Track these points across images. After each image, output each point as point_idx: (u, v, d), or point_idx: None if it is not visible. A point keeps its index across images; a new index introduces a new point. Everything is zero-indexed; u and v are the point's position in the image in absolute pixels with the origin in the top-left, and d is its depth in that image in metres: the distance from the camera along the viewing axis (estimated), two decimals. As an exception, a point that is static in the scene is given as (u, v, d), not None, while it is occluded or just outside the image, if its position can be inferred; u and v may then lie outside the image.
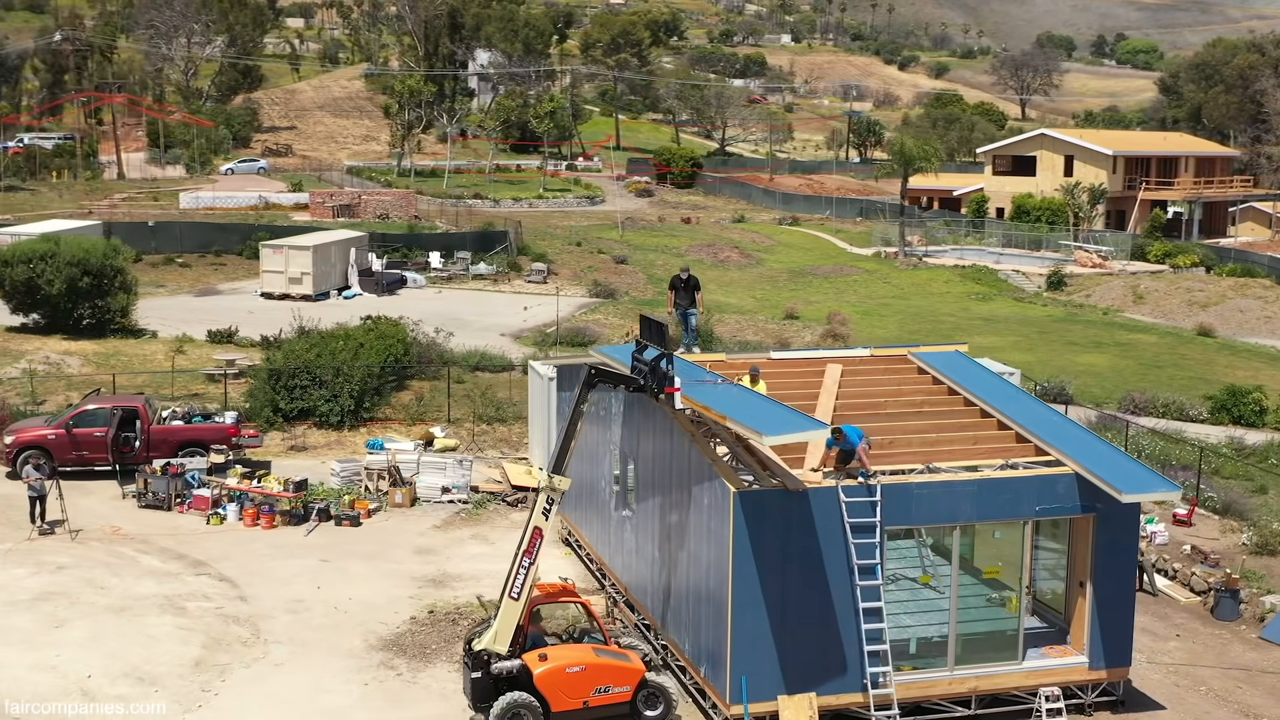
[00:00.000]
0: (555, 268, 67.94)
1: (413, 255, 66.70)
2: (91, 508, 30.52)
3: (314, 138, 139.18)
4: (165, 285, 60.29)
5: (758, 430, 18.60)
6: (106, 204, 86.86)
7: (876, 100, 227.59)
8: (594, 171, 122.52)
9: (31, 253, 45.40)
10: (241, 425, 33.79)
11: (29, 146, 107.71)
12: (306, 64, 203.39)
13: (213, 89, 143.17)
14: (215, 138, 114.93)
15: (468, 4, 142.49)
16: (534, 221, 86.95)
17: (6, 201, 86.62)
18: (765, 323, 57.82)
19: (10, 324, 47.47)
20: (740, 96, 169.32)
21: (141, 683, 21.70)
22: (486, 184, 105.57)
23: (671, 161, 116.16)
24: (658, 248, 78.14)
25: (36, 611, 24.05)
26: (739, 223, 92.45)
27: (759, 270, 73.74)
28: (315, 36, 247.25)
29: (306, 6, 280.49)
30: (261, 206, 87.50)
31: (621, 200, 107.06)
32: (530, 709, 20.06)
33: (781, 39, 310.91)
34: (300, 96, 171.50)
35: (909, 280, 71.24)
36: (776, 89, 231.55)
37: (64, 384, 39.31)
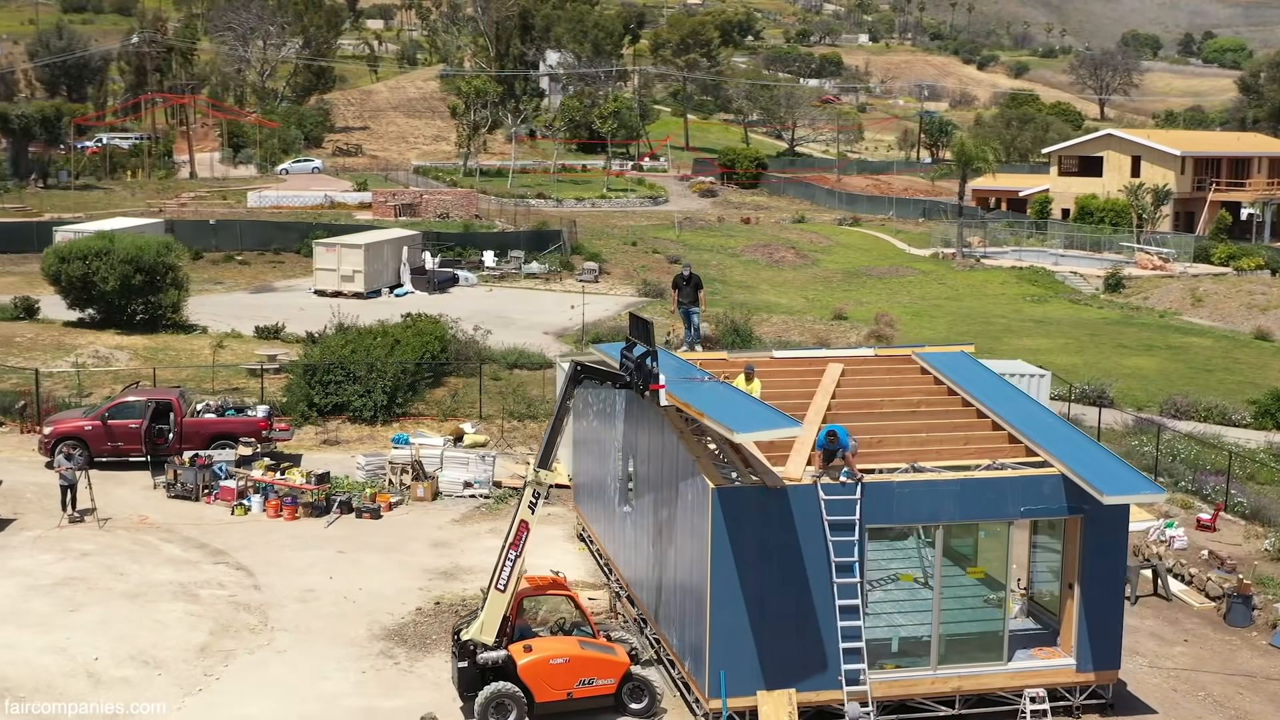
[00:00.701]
0: (608, 267, 68.35)
1: (467, 254, 67.46)
2: (123, 497, 31.42)
3: (385, 138, 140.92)
4: (223, 282, 61.60)
5: (730, 427, 18.82)
6: (176, 203, 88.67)
7: (952, 100, 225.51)
8: (659, 172, 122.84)
9: (87, 250, 46.66)
10: (273, 419, 34.56)
11: (106, 146, 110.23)
12: (385, 65, 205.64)
13: (288, 90, 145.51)
14: (287, 138, 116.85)
15: (539, 5, 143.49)
16: (593, 221, 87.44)
17: (80, 200, 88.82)
18: (813, 323, 57.75)
19: (68, 319, 48.84)
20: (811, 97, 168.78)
21: (146, 666, 22.40)
22: (550, 184, 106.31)
23: (736, 162, 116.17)
24: (713, 247, 78.27)
25: (55, 596, 24.89)
26: (799, 223, 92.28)
27: (814, 271, 73.62)
28: (394, 38, 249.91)
29: (386, 8, 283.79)
30: (326, 205, 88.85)
31: (685, 200, 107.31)
32: (514, 699, 20.44)
33: (859, 39, 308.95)
34: (376, 97, 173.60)
35: (964, 281, 70.72)
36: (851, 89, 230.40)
37: (110, 377, 40.36)
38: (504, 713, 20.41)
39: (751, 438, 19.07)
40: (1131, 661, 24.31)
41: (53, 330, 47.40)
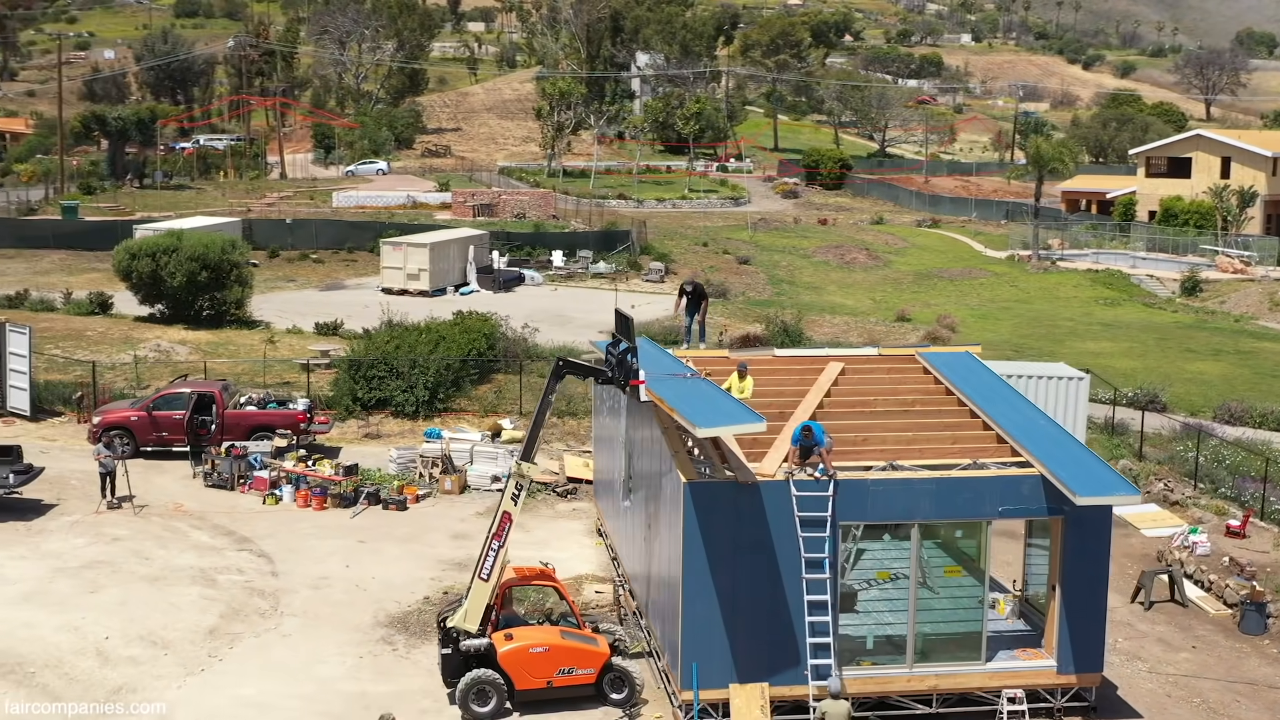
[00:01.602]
0: (676, 267, 68.71)
1: (536, 253, 68.28)
2: (163, 485, 32.56)
3: (476, 139, 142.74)
4: (295, 280, 63.13)
5: (692, 421, 19.10)
6: (263, 202, 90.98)
7: (1053, 101, 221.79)
8: (744, 173, 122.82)
9: (155, 247, 48.27)
10: (313, 412, 35.51)
11: (201, 148, 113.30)
12: (484, 67, 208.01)
13: (382, 92, 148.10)
14: (377, 139, 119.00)
15: (631, 7, 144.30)
16: (671, 222, 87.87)
17: (173, 199, 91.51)
18: (874, 324, 57.56)
19: (139, 314, 50.54)
20: (903, 97, 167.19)
21: (154, 646, 23.30)
22: (632, 185, 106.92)
23: (820, 163, 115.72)
24: (785, 249, 78.23)
25: (79, 578, 25.96)
26: (876, 224, 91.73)
27: (885, 272, 73.24)
28: (494, 40, 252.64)
29: (488, 11, 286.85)
30: (409, 205, 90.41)
31: (767, 202, 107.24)
32: (494, 685, 20.95)
33: (961, 39, 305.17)
34: (471, 99, 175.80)
35: (1037, 284, 69.87)
36: (950, 89, 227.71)
37: (169, 370, 41.68)
38: (485, 699, 20.94)
39: (712, 432, 19.35)
40: (1131, 666, 24.15)
41: (123, 325, 49.08)
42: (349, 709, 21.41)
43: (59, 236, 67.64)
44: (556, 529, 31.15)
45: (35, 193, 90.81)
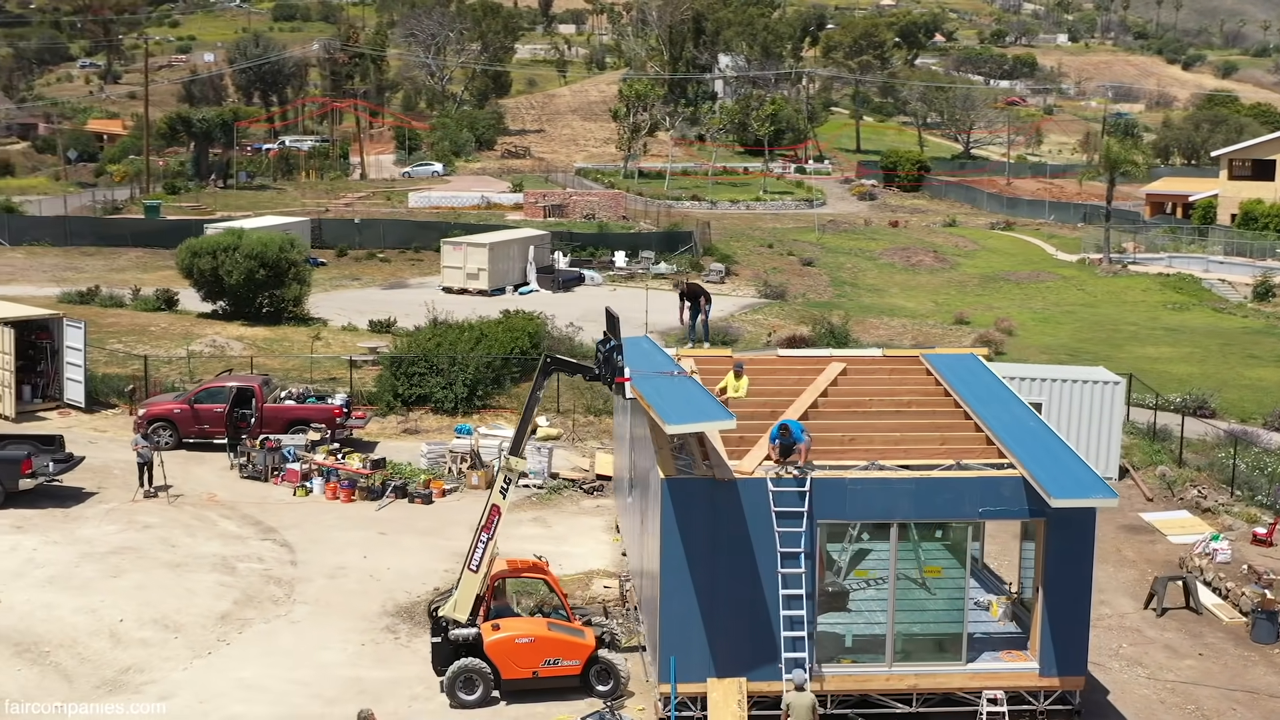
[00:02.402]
0: (738, 268, 68.86)
1: (598, 254, 68.84)
2: (201, 476, 33.59)
3: (558, 140, 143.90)
4: (360, 278, 64.34)
5: (664, 418, 19.43)
6: (341, 202, 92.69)
7: (1149, 102, 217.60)
8: (822, 175, 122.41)
9: (216, 246, 49.59)
10: (350, 407, 36.35)
11: (285, 149, 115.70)
12: (573, 69, 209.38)
13: (467, 94, 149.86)
14: (458, 140, 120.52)
15: (713, 8, 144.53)
16: (741, 224, 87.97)
17: (254, 199, 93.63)
18: (931, 327, 57.24)
19: (202, 310, 51.95)
20: (990, 98, 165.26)
21: (166, 629, 24.17)
22: (707, 187, 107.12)
23: (898, 165, 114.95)
24: (851, 250, 77.97)
25: (105, 563, 26.94)
26: (949, 227, 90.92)
27: (951, 275, 72.67)
28: (584, 43, 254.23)
29: (579, 13, 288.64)
30: (483, 206, 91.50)
31: (843, 203, 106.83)
32: (481, 674, 21.47)
33: (1057, 39, 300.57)
34: (557, 101, 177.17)
35: (1105, 288, 68.87)
36: (1043, 90, 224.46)
37: (221, 365, 42.79)
38: (471, 687, 21.46)
39: (681, 429, 19.67)
40: (1130, 672, 24.00)
41: (185, 321, 50.49)
42: (342, 693, 22.05)
43: (137, 235, 69.66)
44: (577, 525, 31.60)
45: (121, 192, 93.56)
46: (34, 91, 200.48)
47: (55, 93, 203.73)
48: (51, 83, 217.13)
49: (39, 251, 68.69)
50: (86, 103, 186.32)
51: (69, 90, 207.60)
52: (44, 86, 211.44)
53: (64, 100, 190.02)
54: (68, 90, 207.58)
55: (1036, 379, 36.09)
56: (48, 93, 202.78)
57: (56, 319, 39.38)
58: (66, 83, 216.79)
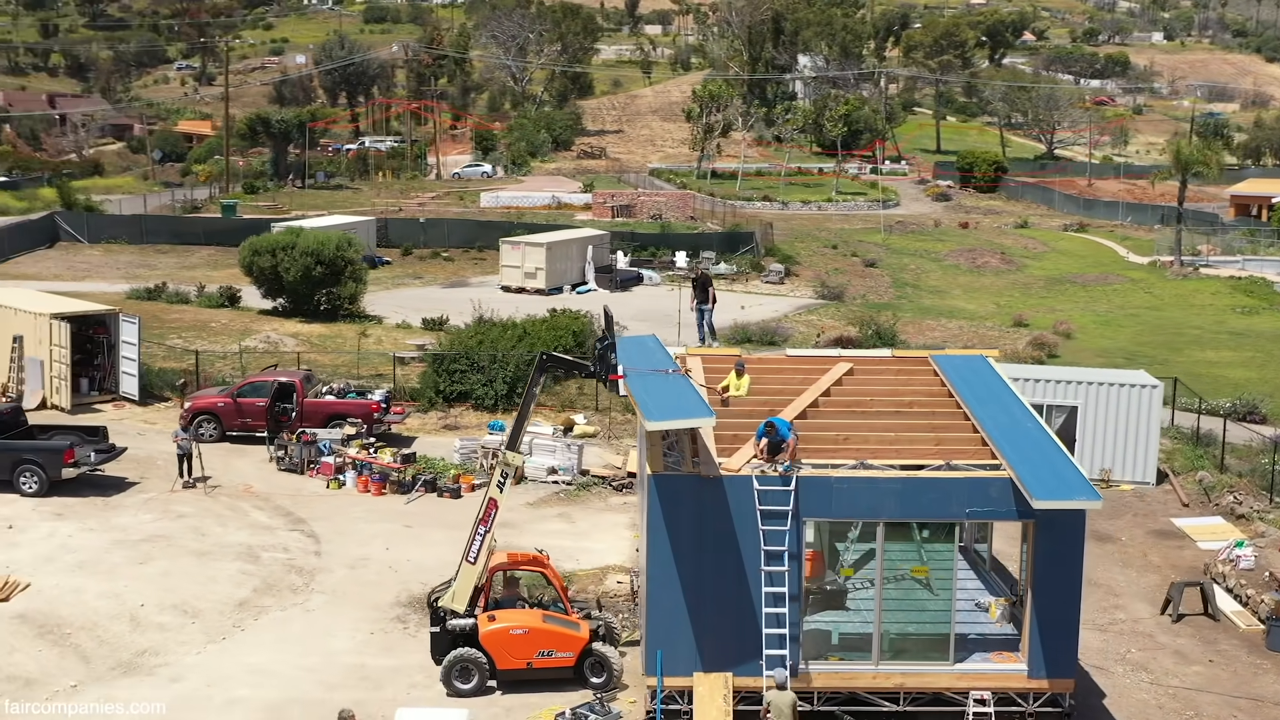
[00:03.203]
0: (799, 269, 68.80)
1: (659, 254, 69.21)
2: (240, 468, 34.53)
3: (636, 140, 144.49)
4: (422, 277, 65.36)
5: (645, 414, 19.76)
6: (415, 202, 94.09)
7: (1245, 101, 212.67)
8: (899, 175, 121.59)
9: (275, 244, 50.76)
10: (389, 403, 37.11)
11: (364, 149, 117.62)
12: (658, 70, 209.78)
13: (546, 95, 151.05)
14: (535, 141, 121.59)
15: (792, 8, 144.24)
16: (810, 224, 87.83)
17: (330, 199, 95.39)
18: (987, 329, 56.82)
19: (263, 307, 53.20)
20: (1075, 98, 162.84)
21: (184, 615, 25.00)
22: (779, 187, 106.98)
23: (975, 166, 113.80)
24: (917, 252, 77.49)
25: (135, 550, 27.88)
26: (1021, 228, 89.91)
27: (1016, 277, 71.94)
28: (670, 43, 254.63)
29: (665, 14, 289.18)
30: (554, 206, 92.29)
31: (917, 204, 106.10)
32: (476, 664, 21.97)
33: (1152, 37, 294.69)
34: (639, 101, 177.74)
35: (1172, 291, 67.74)
36: (1135, 89, 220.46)
37: (274, 360, 43.84)
38: (467, 676, 21.98)
39: (660, 425, 19.96)
40: (1133, 677, 23.87)
41: (246, 317, 51.76)
42: (345, 679, 22.68)
43: (209, 233, 71.38)
44: (601, 521, 32.01)
45: (201, 192, 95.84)
46: (131, 93, 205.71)
47: (152, 94, 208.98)
48: (149, 84, 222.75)
49: (116, 249, 70.73)
50: (180, 104, 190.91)
51: (165, 92, 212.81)
52: (141, 88, 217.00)
53: (159, 102, 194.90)
54: (164, 92, 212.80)
55: (1072, 382, 35.85)
56: (144, 94, 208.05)
57: (113, 314, 40.60)
58: (163, 84, 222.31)
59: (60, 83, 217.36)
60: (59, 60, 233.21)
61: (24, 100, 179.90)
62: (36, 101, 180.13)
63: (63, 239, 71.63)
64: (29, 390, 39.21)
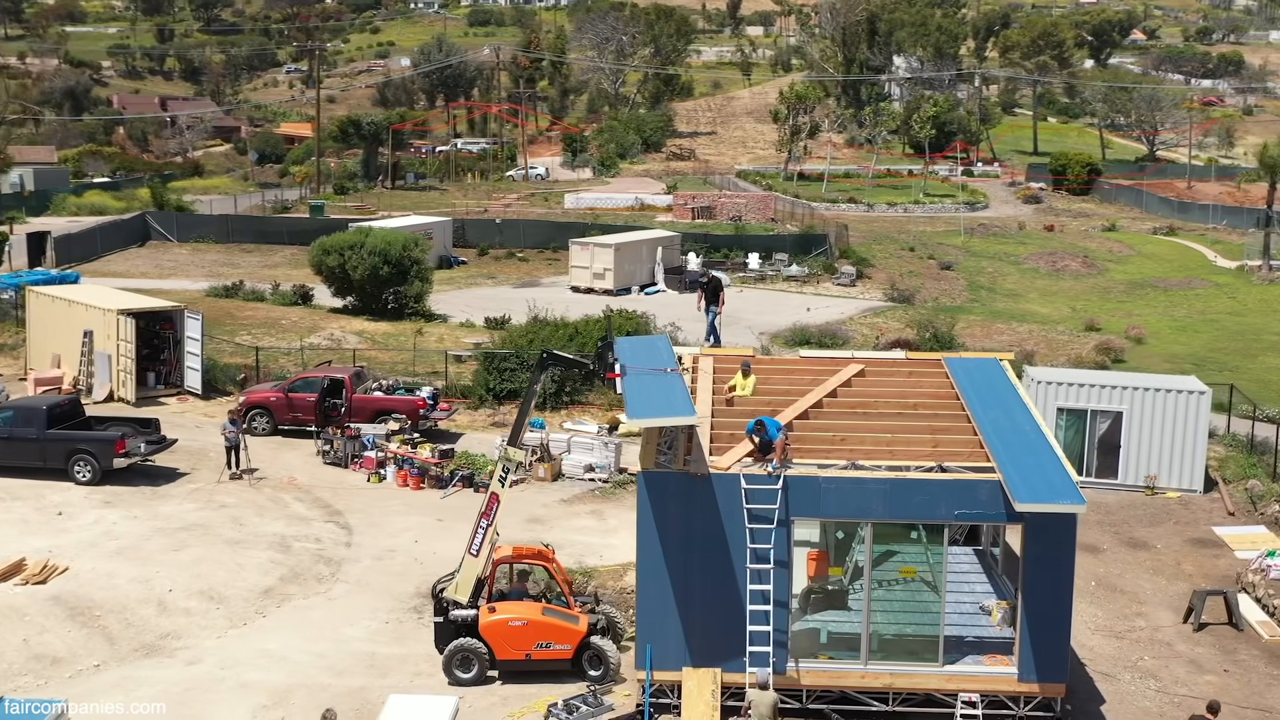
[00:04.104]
0: (873, 271, 68.46)
1: (732, 255, 69.35)
2: (288, 461, 35.54)
3: (727, 142, 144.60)
4: (495, 277, 66.27)
5: (628, 412, 20.12)
6: (501, 203, 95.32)
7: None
8: (991, 177, 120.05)
9: (343, 244, 51.96)
10: (436, 400, 37.88)
11: (453, 151, 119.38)
12: (758, 71, 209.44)
13: (639, 96, 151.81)
14: (624, 143, 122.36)
15: (887, 9, 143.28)
16: (891, 226, 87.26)
17: (418, 200, 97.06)
18: (1058, 333, 56.08)
19: (334, 305, 54.47)
20: (1178, 98, 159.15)
21: (210, 601, 25.92)
22: (864, 189, 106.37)
23: (1067, 167, 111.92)
24: (996, 254, 76.59)
25: (172, 537, 28.92)
26: (1108, 231, 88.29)
27: (1097, 280, 70.77)
28: (771, 45, 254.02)
29: (767, 15, 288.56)
30: (636, 208, 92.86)
31: (1006, 207, 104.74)
32: (476, 654, 22.53)
33: (1270, 35, 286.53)
34: (735, 103, 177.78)
35: (1257, 296, 66.12)
36: (1249, 89, 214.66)
37: (336, 357, 44.95)
38: (468, 666, 22.54)
39: (641, 423, 20.31)
40: (1140, 685, 23.64)
41: (316, 315, 53.02)
42: (353, 666, 23.39)
43: (292, 233, 73.05)
44: (631, 519, 31.69)
45: (292, 193, 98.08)
46: (240, 96, 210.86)
47: (261, 97, 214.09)
48: (258, 88, 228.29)
49: (203, 248, 72.82)
50: (285, 107, 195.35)
51: (273, 95, 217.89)
52: (250, 91, 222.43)
53: (266, 104, 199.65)
54: (272, 95, 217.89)
55: (1117, 387, 35.37)
56: (253, 97, 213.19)
57: (178, 311, 41.95)
58: (272, 87, 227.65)
59: (174, 86, 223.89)
60: (174, 64, 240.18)
61: (137, 103, 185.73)
62: (149, 104, 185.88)
63: (153, 238, 73.95)
64: (97, 383, 40.73)
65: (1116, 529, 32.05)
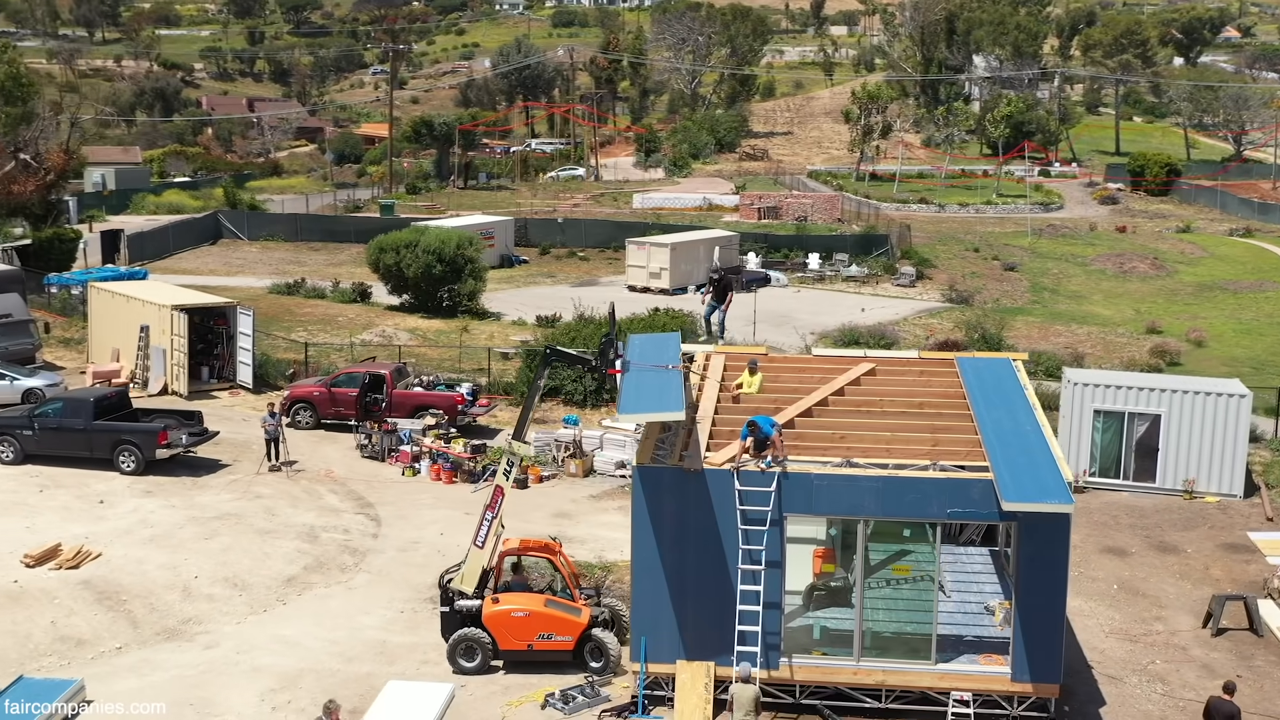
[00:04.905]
0: (934, 272, 68.03)
1: (792, 255, 69.30)
2: (327, 454, 36.32)
3: (803, 142, 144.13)
4: (554, 276, 66.87)
5: (620, 408, 20.41)
6: (570, 203, 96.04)
7: None
8: (1068, 178, 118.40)
9: (398, 242, 52.85)
10: (476, 396, 38.47)
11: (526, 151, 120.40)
12: (840, 71, 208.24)
13: (715, 97, 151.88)
14: (697, 143, 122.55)
15: (966, 7, 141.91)
16: (959, 227, 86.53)
17: (488, 199, 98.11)
18: (1117, 335, 55.40)
19: (391, 303, 55.40)
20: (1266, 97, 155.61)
21: (234, 587, 26.66)
22: (938, 190, 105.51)
23: (1145, 168, 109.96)
24: (1063, 256, 75.64)
25: (205, 526, 29.74)
26: (1183, 232, 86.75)
27: (1164, 282, 69.63)
28: (855, 44, 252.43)
29: (851, 14, 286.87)
30: (705, 208, 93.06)
31: (1082, 208, 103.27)
32: (480, 643, 22.97)
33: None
34: (814, 103, 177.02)
35: (1331, 299, 64.75)
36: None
37: (385, 353, 45.76)
38: (471, 655, 22.99)
39: (630, 418, 20.60)
40: (1147, 688, 23.46)
41: (372, 312, 54.00)
42: (363, 653, 23.95)
43: (359, 232, 74.24)
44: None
45: (364, 193, 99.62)
46: (326, 97, 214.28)
47: (346, 98, 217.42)
48: (345, 89, 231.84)
49: (272, 246, 74.37)
50: (370, 108, 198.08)
51: (359, 96, 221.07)
52: (337, 92, 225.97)
53: (350, 105, 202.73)
54: (358, 96, 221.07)
55: (1156, 389, 34.95)
56: (340, 98, 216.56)
57: (231, 307, 42.99)
58: (358, 89, 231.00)
59: (263, 88, 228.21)
60: (263, 66, 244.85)
61: (225, 104, 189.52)
62: (236, 105, 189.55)
63: (224, 236, 75.66)
64: (153, 376, 41.87)
65: (1148, 532, 31.71)
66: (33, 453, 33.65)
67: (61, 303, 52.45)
